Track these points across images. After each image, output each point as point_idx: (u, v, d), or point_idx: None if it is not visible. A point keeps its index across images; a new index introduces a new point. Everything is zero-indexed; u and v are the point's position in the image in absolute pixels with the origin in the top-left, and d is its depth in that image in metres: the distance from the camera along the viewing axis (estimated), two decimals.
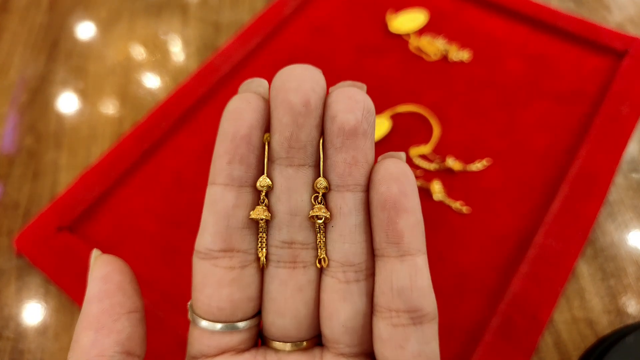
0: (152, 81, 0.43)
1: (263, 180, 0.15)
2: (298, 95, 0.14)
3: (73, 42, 0.46)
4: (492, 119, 0.38)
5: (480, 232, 0.33)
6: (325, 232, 0.16)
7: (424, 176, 0.35)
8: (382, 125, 0.38)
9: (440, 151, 0.37)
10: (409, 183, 0.15)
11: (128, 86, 0.43)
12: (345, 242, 0.15)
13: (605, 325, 0.30)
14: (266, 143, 0.15)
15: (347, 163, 0.15)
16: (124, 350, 0.14)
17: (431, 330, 0.15)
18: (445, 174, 0.35)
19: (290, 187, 0.15)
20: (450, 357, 0.29)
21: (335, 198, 0.15)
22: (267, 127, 0.15)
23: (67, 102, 0.42)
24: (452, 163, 0.35)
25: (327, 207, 0.16)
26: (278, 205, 0.16)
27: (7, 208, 0.36)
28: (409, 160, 0.36)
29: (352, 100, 0.15)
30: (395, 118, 0.38)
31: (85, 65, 0.44)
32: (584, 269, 0.32)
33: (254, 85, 0.16)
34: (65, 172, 0.38)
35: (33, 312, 0.32)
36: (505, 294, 0.30)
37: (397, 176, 0.15)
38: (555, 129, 0.37)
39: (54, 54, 0.45)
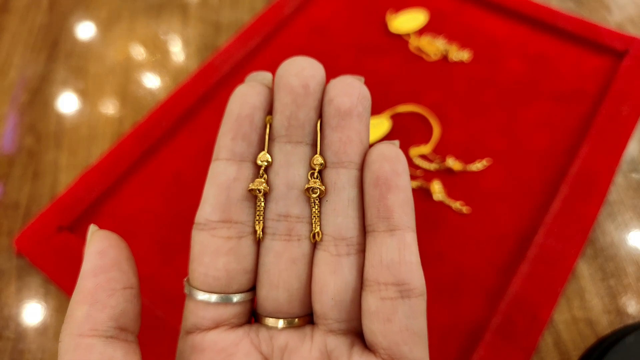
0: (152, 81, 0.43)
1: (263, 156, 0.16)
2: (298, 79, 0.16)
3: (73, 42, 0.46)
4: (492, 119, 0.38)
5: (480, 232, 0.33)
6: (319, 206, 0.16)
7: (424, 176, 0.35)
8: (382, 125, 0.38)
9: (440, 151, 0.37)
10: (401, 164, 0.16)
11: (128, 86, 0.43)
12: (339, 215, 0.16)
13: (605, 325, 0.30)
14: (268, 125, 0.16)
15: (342, 141, 0.16)
16: (118, 325, 0.14)
17: (419, 306, 0.15)
18: (445, 174, 0.35)
19: (288, 161, 0.16)
20: (450, 356, 0.29)
21: (330, 174, 0.16)
22: (269, 111, 0.17)
23: (67, 102, 0.42)
24: (452, 163, 0.35)
25: (322, 182, 0.16)
26: (276, 179, 0.16)
27: (7, 208, 0.36)
28: (409, 160, 0.36)
29: (348, 87, 0.16)
30: (395, 118, 0.38)
31: (85, 65, 0.44)
32: (584, 269, 0.32)
33: (260, 77, 0.17)
34: (65, 172, 0.38)
35: (33, 312, 0.32)
36: (505, 294, 0.30)
37: (389, 157, 0.16)
38: (555, 129, 0.37)
39: (54, 54, 0.45)
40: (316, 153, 0.16)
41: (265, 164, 0.16)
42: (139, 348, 0.15)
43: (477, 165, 0.36)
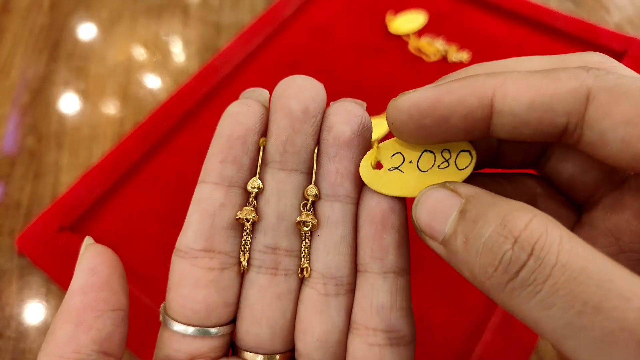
0: (153, 82, 0.43)
1: (254, 182, 0.15)
2: (297, 102, 0.15)
3: (74, 43, 0.46)
4: None
5: None
6: (310, 240, 0.15)
7: None
8: (382, 126, 0.38)
9: None
10: (399, 201, 0.15)
11: (129, 87, 0.43)
12: (330, 253, 0.15)
13: None
14: (261, 147, 0.15)
15: (340, 173, 0.15)
16: (101, 349, 0.14)
17: (407, 354, 0.14)
18: None
19: (281, 190, 0.15)
20: (450, 355, 0.29)
21: (324, 207, 0.15)
22: (264, 132, 0.15)
23: (69, 103, 0.42)
24: None
25: (315, 215, 0.15)
26: (266, 208, 0.15)
27: (9, 208, 0.36)
28: None
29: (350, 114, 0.15)
30: None
31: (86, 65, 0.44)
32: None
33: (256, 94, 0.16)
34: (66, 173, 0.38)
35: (34, 312, 0.32)
36: None
37: None
38: None
39: (55, 54, 0.45)
40: (311, 182, 0.15)
41: (256, 190, 0.15)
42: None
43: None
